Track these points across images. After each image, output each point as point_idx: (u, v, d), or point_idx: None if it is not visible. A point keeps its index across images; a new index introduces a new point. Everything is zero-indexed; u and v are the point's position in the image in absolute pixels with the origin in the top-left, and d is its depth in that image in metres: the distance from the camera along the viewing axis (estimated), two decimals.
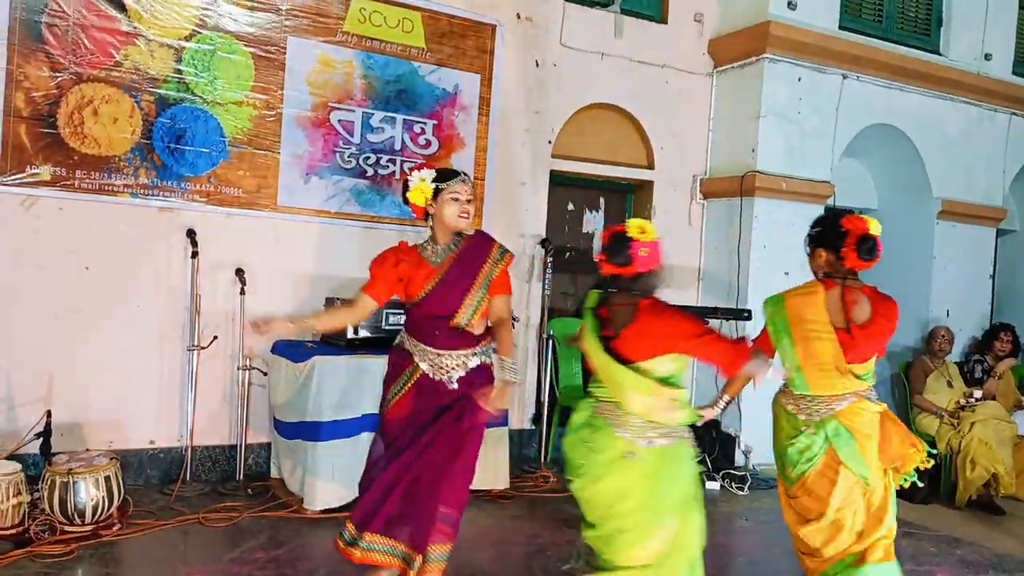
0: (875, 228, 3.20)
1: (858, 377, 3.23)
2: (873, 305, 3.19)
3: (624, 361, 2.70)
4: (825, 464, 3.20)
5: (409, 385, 3.20)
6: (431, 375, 3.18)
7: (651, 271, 2.81)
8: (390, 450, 3.18)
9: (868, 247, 3.18)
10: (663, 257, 2.88)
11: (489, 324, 3.31)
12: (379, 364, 4.45)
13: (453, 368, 3.19)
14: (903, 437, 3.28)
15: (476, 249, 3.28)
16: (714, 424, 6.27)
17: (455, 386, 3.18)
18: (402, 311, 4.74)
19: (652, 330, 2.72)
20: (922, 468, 3.33)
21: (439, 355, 3.18)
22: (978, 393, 6.03)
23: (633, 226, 2.81)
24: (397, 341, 3.34)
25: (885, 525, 3.24)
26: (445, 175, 3.23)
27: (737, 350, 2.72)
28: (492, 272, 3.24)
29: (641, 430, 2.69)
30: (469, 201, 3.22)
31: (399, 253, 3.28)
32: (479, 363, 3.24)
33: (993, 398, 6.15)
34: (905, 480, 3.35)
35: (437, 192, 3.18)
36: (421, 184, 3.18)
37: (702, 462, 5.85)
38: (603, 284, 2.92)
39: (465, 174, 3.28)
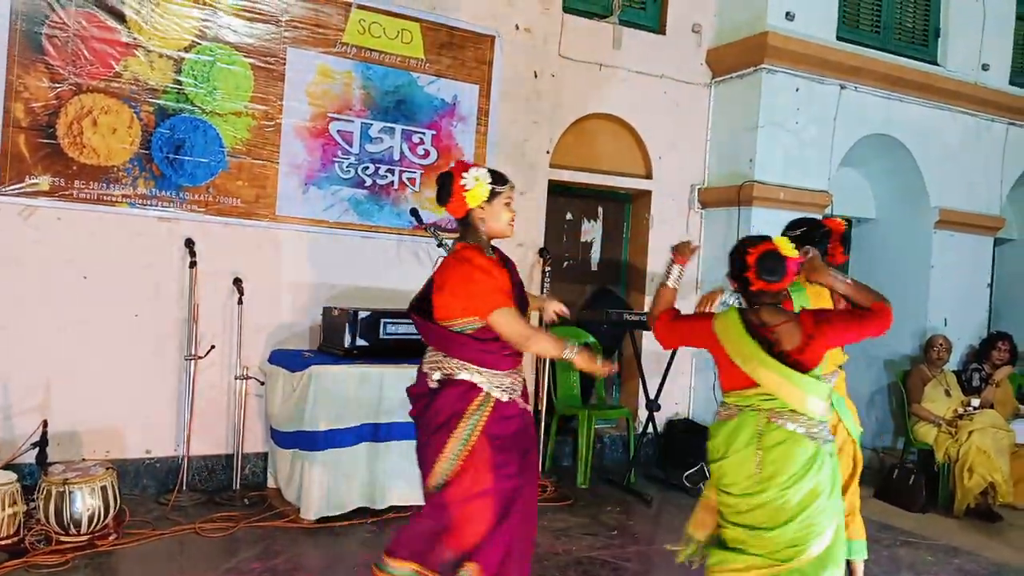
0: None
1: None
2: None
3: (803, 370, 2.78)
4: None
5: (483, 418, 2.88)
6: (503, 399, 2.92)
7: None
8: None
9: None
10: None
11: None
12: (377, 373, 4.50)
13: (518, 384, 3.00)
14: None
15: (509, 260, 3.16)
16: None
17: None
18: (401, 319, 4.77)
19: (835, 338, 2.89)
20: None
21: (507, 375, 2.94)
22: (976, 402, 6.03)
23: (783, 244, 2.84)
24: (445, 382, 2.94)
25: None
26: (500, 177, 2.99)
27: (878, 311, 2.91)
28: None
29: (820, 431, 2.79)
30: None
31: (493, 262, 2.99)
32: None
33: (991, 406, 6.14)
34: None
35: (494, 195, 2.94)
36: (481, 184, 2.90)
37: (699, 469, 5.87)
38: (751, 300, 2.89)
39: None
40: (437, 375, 2.96)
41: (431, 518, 2.92)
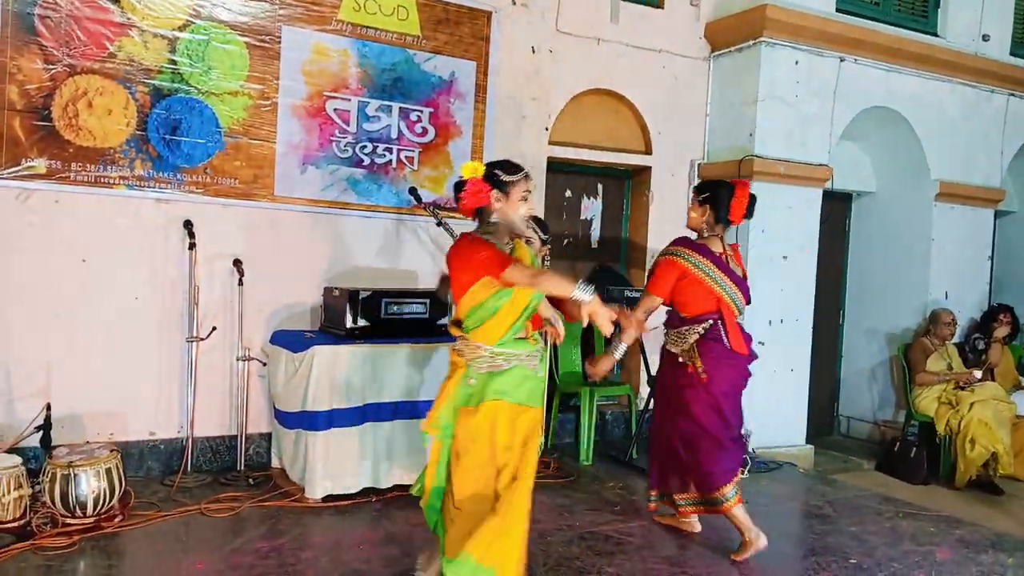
0: (464, 169, 3.02)
1: None
2: None
3: None
4: None
5: None
6: None
7: None
8: None
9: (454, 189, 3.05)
10: None
11: None
12: (379, 353, 4.50)
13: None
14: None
15: None
16: None
17: None
18: (404, 300, 4.77)
19: None
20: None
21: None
22: (978, 373, 6.04)
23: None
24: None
25: None
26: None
27: None
28: None
29: None
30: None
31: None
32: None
33: (992, 374, 6.15)
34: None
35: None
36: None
37: None
38: None
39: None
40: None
41: None
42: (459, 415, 3.03)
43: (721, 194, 4.07)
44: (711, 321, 4.00)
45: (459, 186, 3.04)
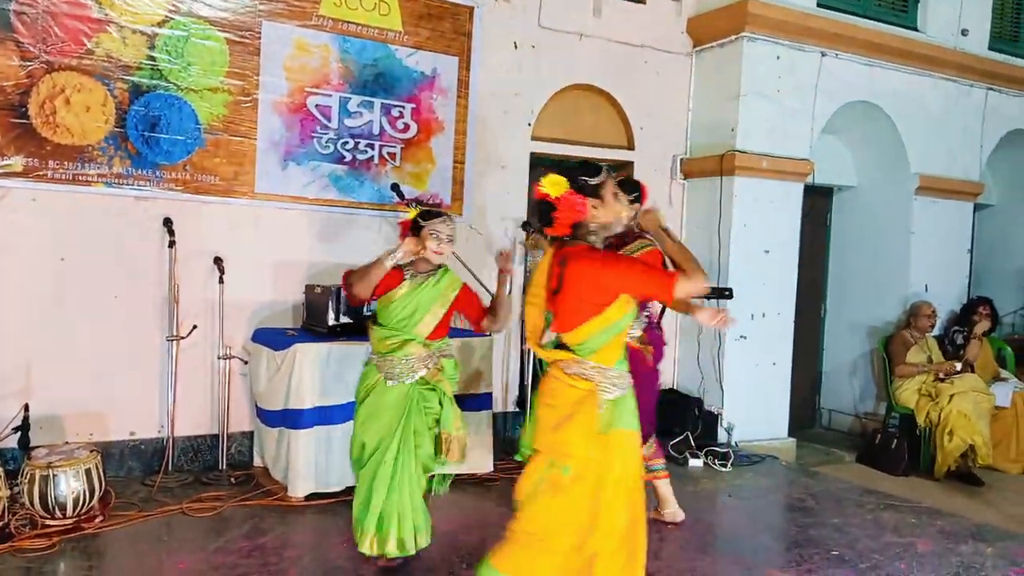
0: (547, 187, 2.75)
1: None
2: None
3: None
4: None
5: None
6: None
7: None
8: None
9: (541, 211, 2.76)
10: None
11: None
12: (361, 351, 4.46)
13: None
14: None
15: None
16: (697, 402, 6.33)
17: None
18: None
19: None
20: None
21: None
22: (958, 365, 6.10)
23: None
24: None
25: None
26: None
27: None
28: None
29: None
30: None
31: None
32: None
33: (972, 368, 6.21)
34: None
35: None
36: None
37: (685, 439, 5.93)
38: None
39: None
40: None
41: None
42: (590, 443, 2.62)
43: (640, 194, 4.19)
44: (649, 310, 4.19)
45: (547, 206, 2.75)
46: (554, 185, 2.77)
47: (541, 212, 2.79)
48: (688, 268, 2.71)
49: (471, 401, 4.85)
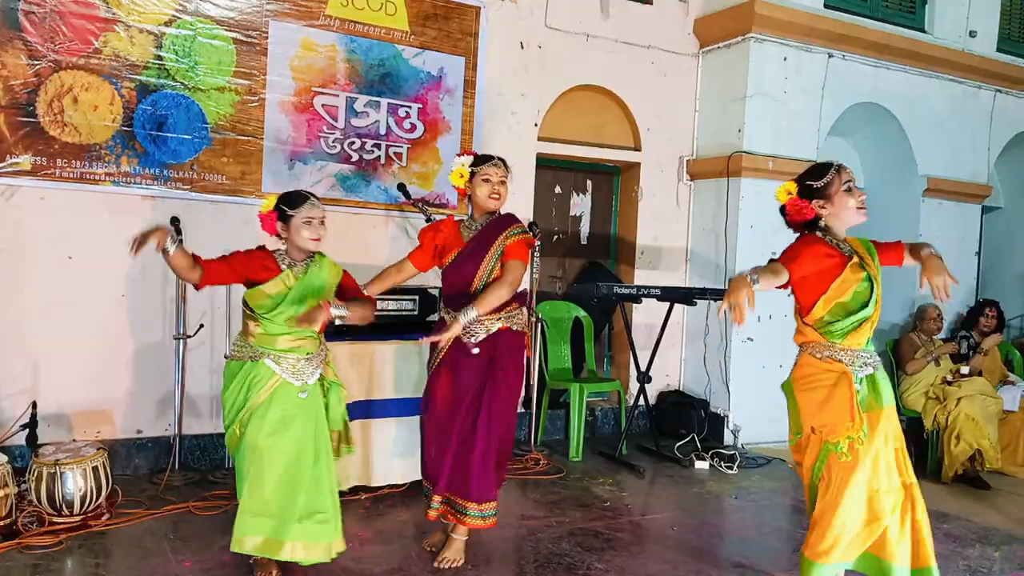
0: (777, 193, 3.36)
1: None
2: None
3: None
4: None
5: (445, 350, 3.58)
6: (460, 338, 3.50)
7: None
8: (430, 413, 3.64)
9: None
10: None
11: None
12: (368, 350, 4.48)
13: (476, 332, 3.50)
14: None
15: (496, 226, 3.59)
16: (703, 404, 6.32)
17: (477, 351, 3.50)
18: (393, 297, 4.77)
19: None
20: None
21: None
22: (965, 369, 6.07)
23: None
24: (439, 315, 3.74)
25: None
26: (480, 159, 3.59)
27: None
28: (503, 244, 3.54)
29: None
30: (501, 183, 3.57)
31: (441, 225, 3.74)
32: (499, 327, 3.54)
33: (980, 374, 6.20)
34: None
35: (472, 174, 3.56)
36: (460, 168, 3.59)
37: (691, 441, 5.92)
38: None
39: (500, 158, 3.61)
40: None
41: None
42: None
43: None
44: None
45: (782, 209, 3.34)
46: (783, 193, 3.26)
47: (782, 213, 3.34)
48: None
49: None
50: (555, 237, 6.51)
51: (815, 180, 3.16)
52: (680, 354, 6.68)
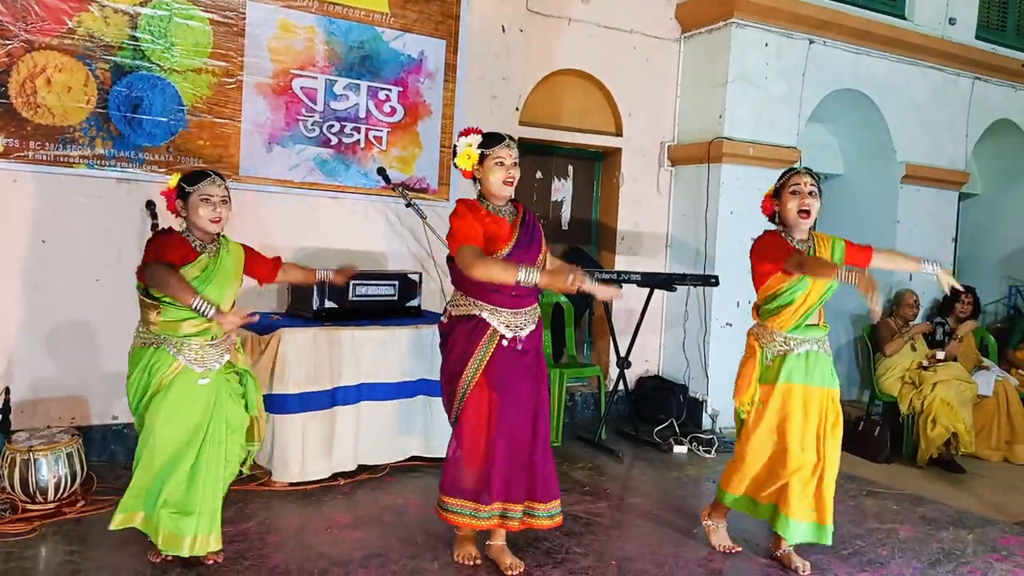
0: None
1: None
2: None
3: None
4: None
5: (492, 350, 3.29)
6: (508, 335, 3.30)
7: None
8: (498, 417, 3.30)
9: None
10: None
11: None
12: (346, 336, 4.46)
13: (528, 324, 3.37)
14: None
15: (533, 216, 3.47)
16: (682, 389, 6.34)
17: (521, 346, 3.34)
18: (373, 282, 4.74)
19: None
20: None
21: (515, 314, 3.33)
22: (940, 354, 6.13)
23: None
24: (459, 311, 3.35)
25: None
26: (490, 138, 3.33)
27: None
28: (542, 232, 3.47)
29: None
30: (515, 165, 3.33)
31: (478, 206, 3.34)
32: (538, 319, 3.44)
33: (955, 360, 6.26)
34: None
35: (483, 157, 3.30)
36: (468, 150, 3.31)
37: (669, 426, 5.95)
38: None
39: (510, 137, 3.36)
40: (454, 312, 3.36)
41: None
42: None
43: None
44: None
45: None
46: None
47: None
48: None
49: None
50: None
51: (777, 181, 3.65)
52: (659, 339, 6.70)
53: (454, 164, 3.42)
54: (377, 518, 3.98)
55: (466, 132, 3.37)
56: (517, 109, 5.92)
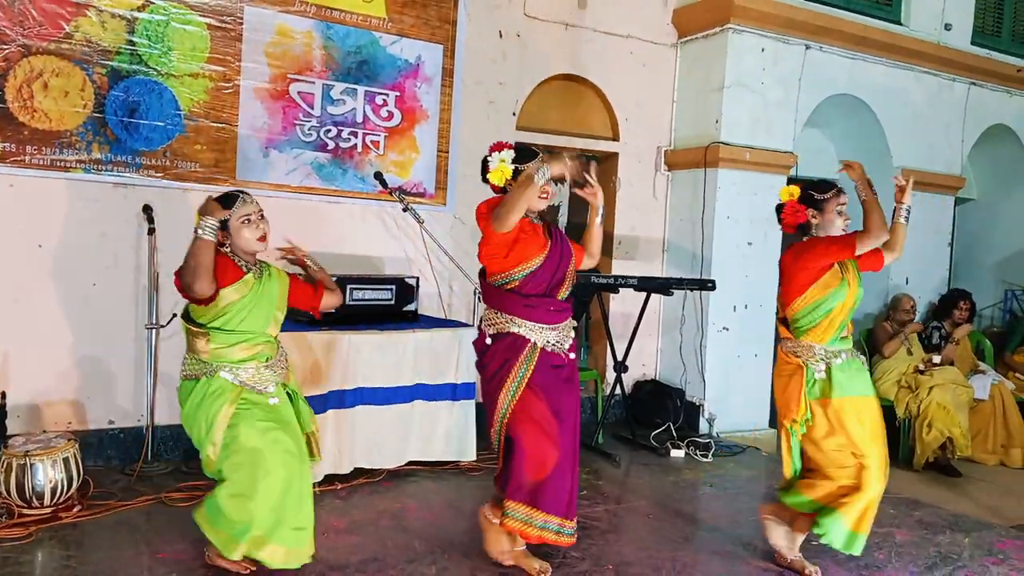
0: (781, 192, 3.75)
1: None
2: None
3: None
4: None
5: (532, 365, 3.23)
6: (549, 350, 3.25)
7: None
8: (550, 434, 3.21)
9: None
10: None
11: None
12: (344, 340, 4.46)
13: (565, 340, 3.31)
14: None
15: (560, 231, 3.44)
16: (679, 393, 6.35)
17: (573, 355, 3.32)
18: (370, 286, 4.74)
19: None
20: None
21: (553, 329, 3.27)
22: (937, 358, 6.15)
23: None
24: (496, 328, 3.27)
25: None
26: (523, 153, 3.24)
27: None
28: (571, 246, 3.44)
29: None
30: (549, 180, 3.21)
31: None
32: (574, 334, 3.39)
33: (951, 364, 6.27)
34: None
35: (515, 172, 3.20)
36: (501, 166, 3.20)
37: (666, 430, 5.95)
38: None
39: (539, 151, 3.27)
40: (490, 329, 3.30)
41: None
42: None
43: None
44: None
45: (778, 206, 3.67)
46: (784, 191, 3.66)
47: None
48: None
49: (459, 390, 4.85)
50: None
51: (818, 193, 3.61)
52: (656, 343, 6.71)
53: (484, 180, 3.31)
54: (374, 523, 3.98)
55: (498, 147, 3.25)
56: (514, 114, 5.93)
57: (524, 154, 3.24)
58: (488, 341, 3.31)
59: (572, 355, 3.36)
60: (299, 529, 3.19)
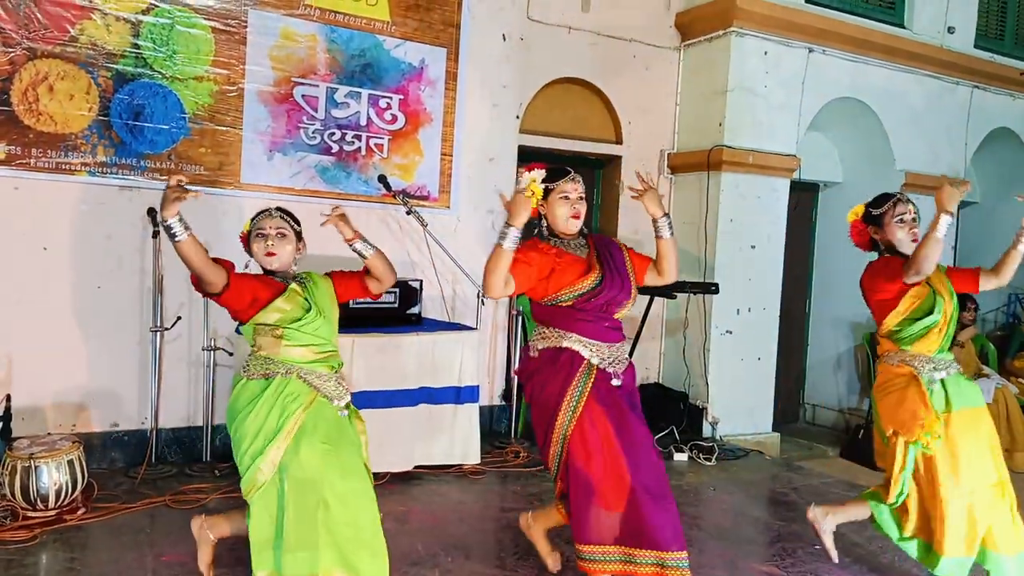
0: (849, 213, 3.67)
1: None
2: None
3: None
4: None
5: (590, 384, 3.00)
6: (605, 369, 3.04)
7: None
8: (606, 456, 2.96)
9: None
10: None
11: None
12: (346, 343, 4.46)
13: (621, 361, 3.10)
14: None
15: (608, 244, 3.22)
16: (682, 396, 6.35)
17: (618, 382, 3.05)
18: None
19: None
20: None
21: (610, 347, 3.07)
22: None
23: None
24: (547, 343, 3.08)
25: None
26: (554, 173, 3.08)
27: None
28: (628, 256, 3.20)
29: None
30: (580, 199, 3.10)
31: (535, 244, 3.13)
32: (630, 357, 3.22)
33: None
34: None
35: (547, 191, 3.07)
36: (531, 185, 2.99)
37: (670, 433, 5.95)
38: None
39: (571, 170, 3.13)
40: (541, 344, 3.11)
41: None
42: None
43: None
44: None
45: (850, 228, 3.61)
46: (852, 212, 3.59)
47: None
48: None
49: (463, 393, 4.86)
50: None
51: (873, 208, 3.46)
52: (660, 347, 6.71)
53: None
54: None
55: (529, 167, 3.03)
56: (517, 117, 5.94)
57: (555, 173, 3.08)
58: (533, 354, 3.12)
59: (619, 375, 3.10)
60: (374, 555, 2.85)
